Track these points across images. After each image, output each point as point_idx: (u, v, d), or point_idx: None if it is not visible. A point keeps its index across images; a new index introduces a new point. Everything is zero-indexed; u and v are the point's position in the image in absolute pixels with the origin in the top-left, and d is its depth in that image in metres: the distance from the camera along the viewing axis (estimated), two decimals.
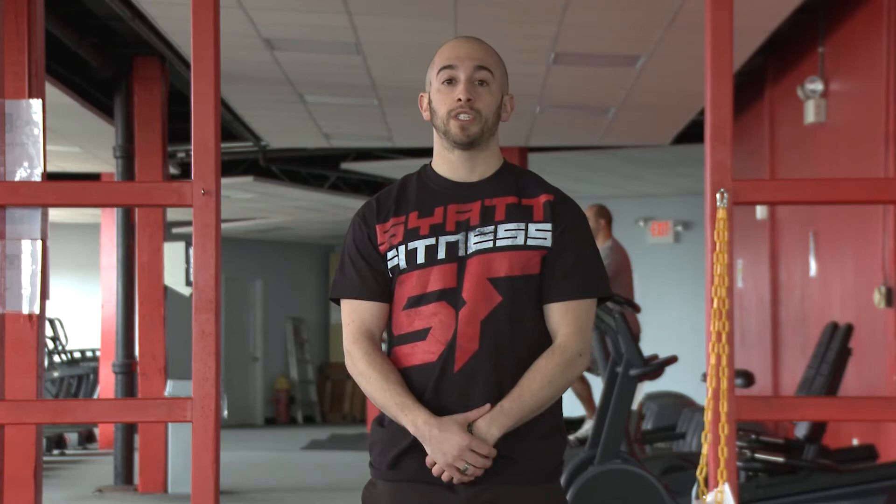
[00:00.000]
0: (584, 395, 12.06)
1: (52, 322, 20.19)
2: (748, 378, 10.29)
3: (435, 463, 3.52)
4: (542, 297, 3.70)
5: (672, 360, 8.39)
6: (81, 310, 22.09)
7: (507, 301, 3.63)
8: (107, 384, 17.49)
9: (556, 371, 3.61)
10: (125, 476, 13.52)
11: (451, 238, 3.65)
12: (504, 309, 3.63)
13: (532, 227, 3.70)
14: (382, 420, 3.71)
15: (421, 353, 3.63)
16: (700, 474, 4.74)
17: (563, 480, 8.02)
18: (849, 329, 8.58)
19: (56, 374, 19.57)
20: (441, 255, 3.63)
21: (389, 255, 3.67)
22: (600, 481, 7.42)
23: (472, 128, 3.71)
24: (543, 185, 3.81)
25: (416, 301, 3.63)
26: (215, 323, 6.13)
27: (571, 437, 10.56)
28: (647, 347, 8.60)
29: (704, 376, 5.68)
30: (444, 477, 3.52)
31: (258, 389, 25.55)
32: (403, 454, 3.65)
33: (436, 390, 3.61)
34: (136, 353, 13.50)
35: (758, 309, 14.18)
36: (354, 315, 3.69)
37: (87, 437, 19.59)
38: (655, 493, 7.19)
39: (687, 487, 5.96)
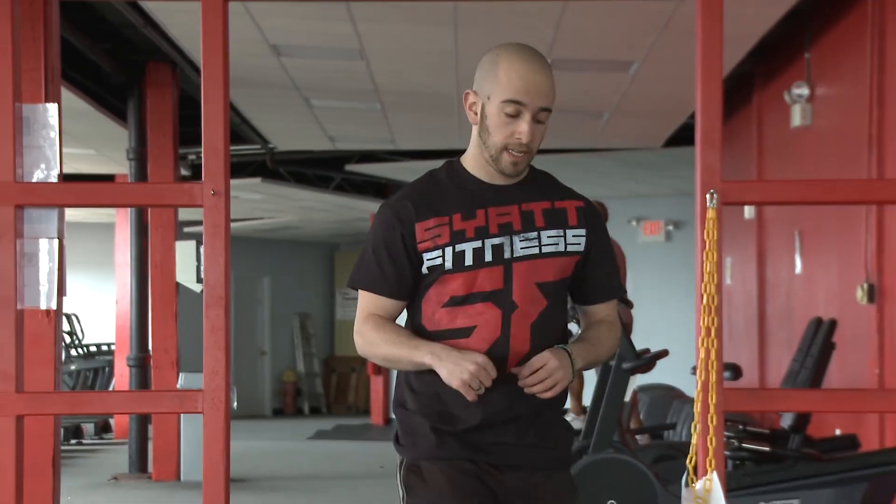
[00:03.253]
0: (577, 390, 12.06)
1: (68, 317, 20.20)
2: (736, 371, 10.29)
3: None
4: (580, 297, 3.86)
5: (663, 353, 8.40)
6: (97, 305, 22.12)
7: (551, 304, 3.69)
8: (121, 377, 17.50)
9: (612, 335, 3.89)
10: (139, 464, 13.55)
11: (496, 241, 3.63)
12: (548, 311, 3.69)
13: (569, 233, 3.73)
14: (405, 402, 3.71)
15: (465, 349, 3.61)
16: (689, 463, 4.74)
17: None
18: (832, 324, 8.58)
19: (73, 367, 19.59)
20: (488, 257, 3.61)
21: (431, 254, 3.62)
22: (594, 470, 7.42)
23: (521, 164, 3.67)
24: (567, 189, 3.83)
25: (461, 300, 3.62)
26: (225, 318, 6.14)
27: None
28: (640, 342, 8.60)
29: (694, 369, 5.67)
30: (470, 396, 3.52)
31: (266, 382, 25.57)
32: (448, 435, 3.64)
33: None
34: (150, 347, 13.54)
35: (745, 305, 14.19)
36: (369, 306, 3.67)
37: (103, 428, 19.61)
38: (647, 481, 7.20)
39: (677, 476, 5.96)
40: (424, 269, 3.62)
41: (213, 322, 6.12)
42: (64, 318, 13.02)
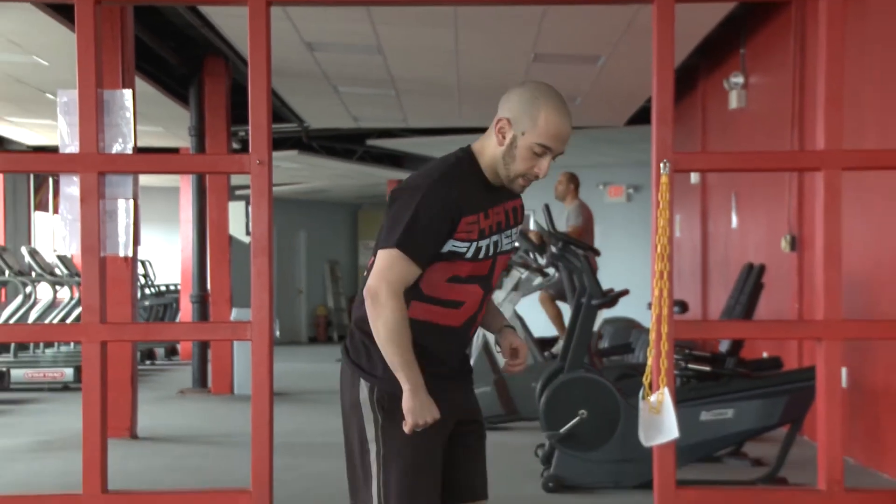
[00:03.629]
0: (556, 318, 12.08)
1: (143, 263, 20.26)
2: (683, 306, 10.32)
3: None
4: None
5: (624, 292, 8.40)
6: (166, 254, 22.19)
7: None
8: (185, 311, 17.57)
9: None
10: (201, 381, 13.62)
11: (495, 238, 3.57)
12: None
13: (517, 228, 3.70)
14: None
15: (451, 318, 3.57)
16: (645, 380, 4.76)
17: (539, 386, 8.08)
18: (761, 268, 8.60)
19: (147, 303, 19.65)
20: (490, 252, 3.55)
21: (461, 244, 3.49)
22: (568, 386, 7.44)
23: (527, 187, 3.62)
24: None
25: (462, 280, 3.53)
26: (269, 264, 6.16)
27: (546, 353, 10.59)
28: (605, 283, 8.61)
29: (650, 305, 5.69)
30: (407, 429, 3.44)
31: (303, 315, 25.63)
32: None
33: (450, 345, 3.61)
34: (208, 287, 13.59)
35: (691, 253, 14.21)
36: (404, 271, 3.43)
37: (172, 351, 19.68)
38: (611, 396, 7.22)
39: (635, 391, 5.98)
40: (446, 250, 3.50)
41: (259, 267, 6.14)
42: (139, 264, 13.06)
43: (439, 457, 3.58)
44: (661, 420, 4.46)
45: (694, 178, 13.60)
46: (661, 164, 5.84)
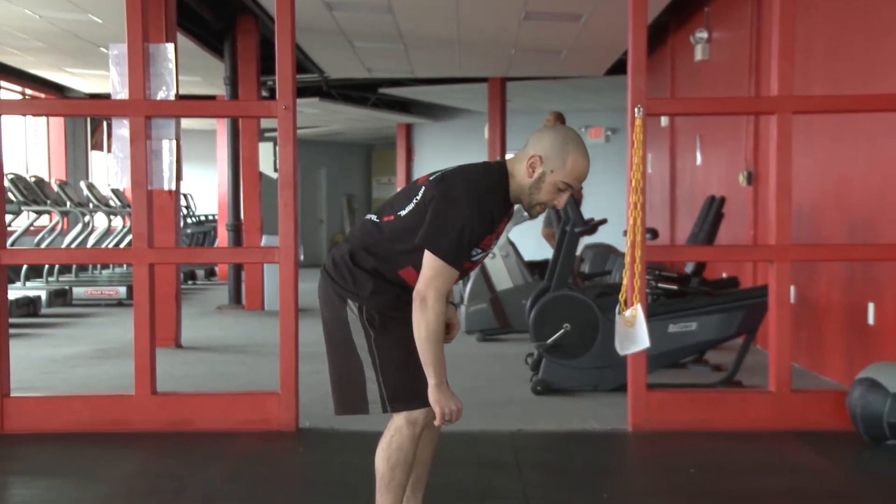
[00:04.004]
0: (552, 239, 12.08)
1: (185, 196, 20.20)
2: (654, 233, 10.29)
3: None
4: None
5: (603, 221, 8.38)
6: (205, 188, 22.15)
7: None
8: (222, 237, 17.58)
9: None
10: (236, 298, 13.65)
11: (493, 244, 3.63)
12: None
13: None
14: (376, 273, 3.57)
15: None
16: (621, 297, 4.76)
17: (528, 303, 8.09)
18: (722, 200, 8.57)
19: (188, 231, 19.63)
20: (484, 254, 3.59)
21: (477, 251, 3.51)
22: (554, 303, 7.44)
23: (542, 213, 3.65)
24: None
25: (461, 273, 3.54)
26: (294, 197, 6.15)
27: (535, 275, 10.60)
28: (587, 213, 8.60)
29: (625, 232, 5.69)
30: (437, 422, 3.46)
31: (323, 241, 25.63)
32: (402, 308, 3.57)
33: None
34: (242, 216, 13.57)
35: (661, 187, 14.17)
36: (448, 279, 3.43)
37: (210, 273, 19.70)
38: (591, 311, 7.22)
39: (612, 307, 5.99)
40: None
41: (285, 199, 6.14)
42: (181, 197, 13.04)
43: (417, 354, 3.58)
44: (634, 332, 4.47)
45: (664, 121, 13.53)
46: (636, 109, 5.82)
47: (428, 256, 3.43)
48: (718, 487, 4.91)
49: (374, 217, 3.65)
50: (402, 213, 3.54)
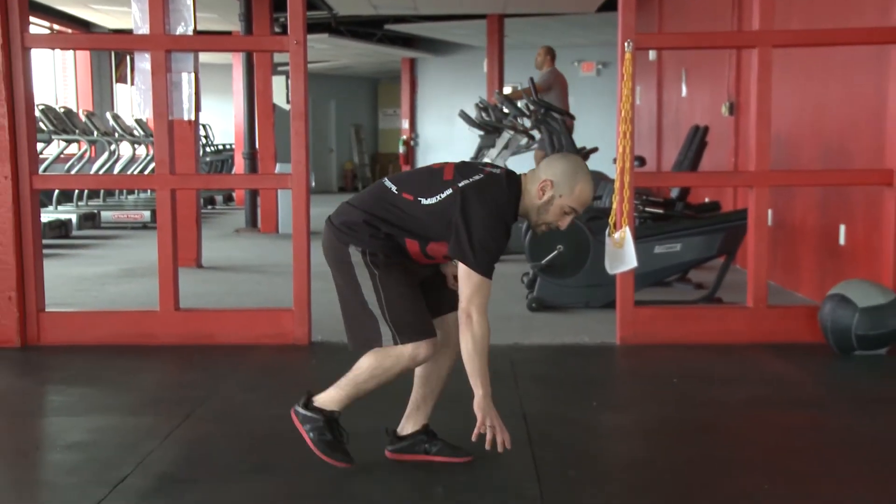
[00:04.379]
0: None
1: (204, 126, 20.15)
2: (642, 161, 10.21)
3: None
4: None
5: (594, 150, 8.37)
6: (223, 118, 22.02)
7: None
8: (239, 165, 17.52)
9: None
10: (252, 222, 13.65)
11: None
12: None
13: None
14: (379, 234, 3.57)
15: (426, 262, 3.68)
16: (611, 220, 4.75)
17: (523, 227, 8.08)
18: (706, 129, 8.52)
19: (207, 159, 19.59)
20: None
21: None
22: None
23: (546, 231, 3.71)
24: None
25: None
26: (305, 127, 6.11)
27: None
28: (579, 142, 8.56)
29: (615, 160, 5.66)
30: (475, 434, 3.48)
31: (333, 169, 25.57)
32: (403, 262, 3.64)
33: (419, 264, 3.69)
34: (257, 145, 13.52)
35: (648, 117, 14.09)
36: (486, 291, 3.48)
37: (228, 198, 19.70)
38: (583, 233, 7.22)
39: (602, 229, 5.99)
40: None
41: (297, 129, 6.10)
42: (200, 127, 12.99)
43: (419, 291, 3.65)
44: (623, 253, 4.46)
45: (652, 55, 13.42)
46: (626, 44, 5.76)
47: (463, 272, 3.47)
48: (699, 395, 4.94)
49: (393, 187, 3.62)
50: (424, 201, 3.54)
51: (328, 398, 3.68)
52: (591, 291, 7.20)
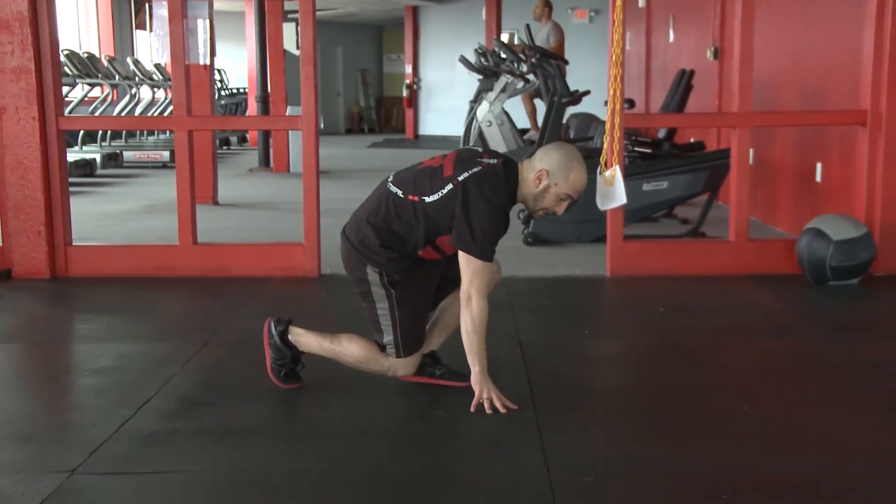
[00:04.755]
0: (532, 113, 11.97)
1: (219, 70, 19.97)
2: (631, 103, 10.15)
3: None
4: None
5: (586, 92, 8.30)
6: (236, 64, 21.80)
7: None
8: (252, 108, 17.39)
9: None
10: (265, 162, 13.57)
11: None
12: None
13: None
14: (392, 248, 3.58)
15: (436, 257, 3.64)
16: (602, 160, 4.71)
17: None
18: (692, 73, 8.44)
19: (222, 102, 19.46)
20: None
21: None
22: None
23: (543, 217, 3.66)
24: None
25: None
26: (314, 71, 6.05)
27: (525, 137, 10.51)
28: (572, 86, 8.48)
29: (606, 102, 5.61)
30: (473, 404, 3.49)
31: (341, 112, 25.39)
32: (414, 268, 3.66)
33: (433, 262, 3.68)
34: (269, 89, 13.42)
35: (637, 62, 13.94)
36: (486, 275, 3.47)
37: (242, 139, 19.59)
38: None
39: (594, 168, 5.93)
40: None
41: (306, 74, 6.04)
42: (215, 71, 12.89)
43: (430, 299, 3.75)
44: (613, 190, 4.42)
45: (641, 2, 13.26)
46: None
47: (463, 258, 3.47)
48: (684, 323, 4.95)
49: (398, 192, 3.59)
50: (427, 199, 3.51)
51: (304, 342, 3.76)
52: (582, 227, 7.17)
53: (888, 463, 3.07)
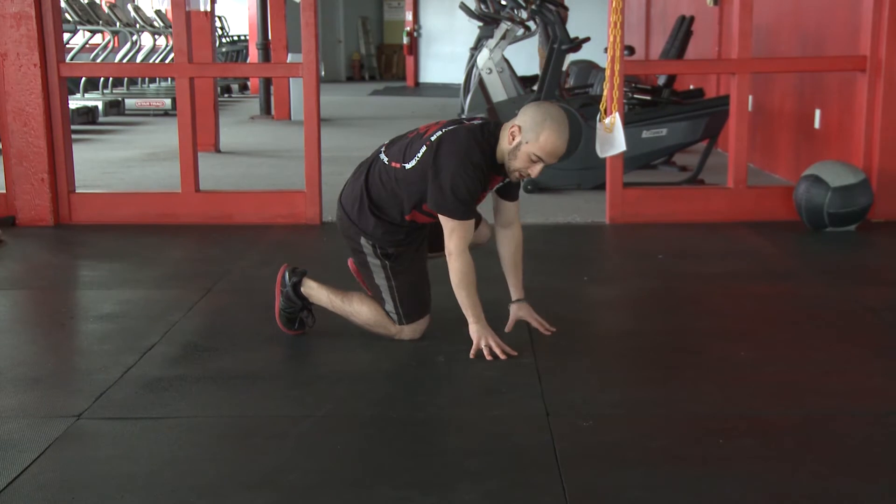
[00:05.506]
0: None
1: (220, 17, 19.81)
2: (631, 50, 10.08)
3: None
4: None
5: (586, 39, 8.20)
6: (237, 11, 21.63)
7: None
8: (253, 55, 17.27)
9: None
10: (266, 109, 13.53)
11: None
12: None
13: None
14: (386, 218, 3.58)
15: (428, 221, 3.59)
16: (602, 107, 4.67)
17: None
18: (691, 19, 8.37)
19: (223, 50, 19.32)
20: None
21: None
22: None
23: (522, 179, 3.54)
24: None
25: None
26: (315, 18, 5.99)
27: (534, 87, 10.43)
28: (572, 32, 8.40)
29: (605, 49, 5.55)
30: (473, 350, 3.47)
31: (342, 59, 25.22)
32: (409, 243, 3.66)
33: (425, 227, 3.66)
34: (270, 36, 13.31)
35: (637, 8, 13.79)
36: (465, 230, 3.41)
37: (243, 87, 19.49)
38: (575, 119, 7.14)
39: (594, 115, 5.92)
40: None
41: (307, 20, 5.98)
42: (216, 18, 12.79)
43: (423, 265, 3.73)
44: (612, 137, 4.40)
45: None
46: None
47: (441, 217, 3.43)
48: (682, 269, 4.95)
49: (385, 158, 3.58)
50: (407, 166, 3.49)
51: (316, 296, 3.76)
52: (582, 174, 7.15)
53: (886, 406, 3.08)
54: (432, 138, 3.46)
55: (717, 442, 2.79)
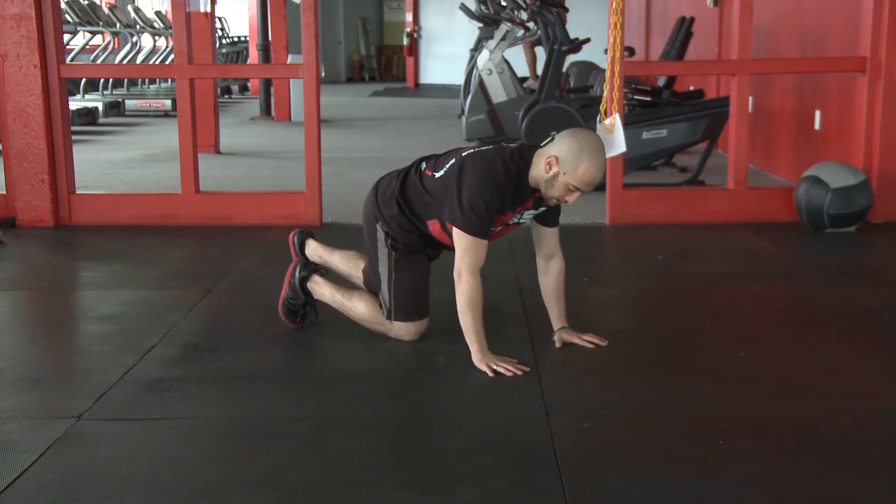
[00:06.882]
0: (531, 62, 11.88)
1: (220, 19, 19.82)
2: (631, 51, 10.09)
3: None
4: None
5: (586, 40, 8.22)
6: (237, 12, 21.64)
7: None
8: (253, 56, 17.27)
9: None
10: (266, 110, 13.53)
11: (514, 220, 3.58)
12: None
13: (528, 213, 3.58)
14: (404, 222, 3.61)
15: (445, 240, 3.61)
16: (602, 108, 4.67)
17: (521, 113, 7.97)
18: (692, 20, 8.37)
19: (223, 51, 19.32)
20: (501, 228, 3.58)
21: (494, 227, 3.47)
22: (543, 114, 7.34)
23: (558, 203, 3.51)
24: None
25: None
26: (315, 19, 5.99)
27: (524, 85, 10.42)
28: (572, 34, 8.40)
29: (606, 50, 5.55)
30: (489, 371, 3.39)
31: (342, 60, 25.22)
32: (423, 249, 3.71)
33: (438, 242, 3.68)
34: (270, 37, 13.31)
35: (637, 9, 13.80)
36: (477, 251, 3.39)
37: (244, 88, 19.48)
38: (575, 120, 7.15)
39: (594, 116, 5.92)
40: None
41: (307, 21, 5.98)
42: (216, 20, 12.79)
43: (427, 270, 3.74)
44: (613, 138, 4.40)
45: None
46: None
47: (455, 233, 3.43)
48: (682, 270, 4.94)
49: (423, 164, 3.63)
50: (436, 175, 3.52)
51: (320, 291, 3.84)
52: None
53: (886, 406, 3.08)
54: (464, 154, 3.51)
55: (717, 442, 2.79)
